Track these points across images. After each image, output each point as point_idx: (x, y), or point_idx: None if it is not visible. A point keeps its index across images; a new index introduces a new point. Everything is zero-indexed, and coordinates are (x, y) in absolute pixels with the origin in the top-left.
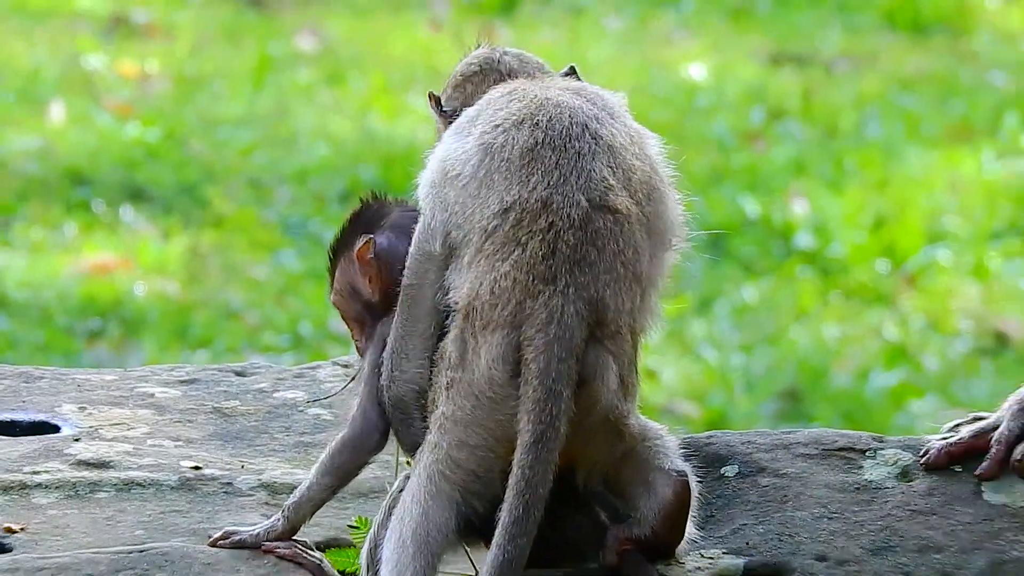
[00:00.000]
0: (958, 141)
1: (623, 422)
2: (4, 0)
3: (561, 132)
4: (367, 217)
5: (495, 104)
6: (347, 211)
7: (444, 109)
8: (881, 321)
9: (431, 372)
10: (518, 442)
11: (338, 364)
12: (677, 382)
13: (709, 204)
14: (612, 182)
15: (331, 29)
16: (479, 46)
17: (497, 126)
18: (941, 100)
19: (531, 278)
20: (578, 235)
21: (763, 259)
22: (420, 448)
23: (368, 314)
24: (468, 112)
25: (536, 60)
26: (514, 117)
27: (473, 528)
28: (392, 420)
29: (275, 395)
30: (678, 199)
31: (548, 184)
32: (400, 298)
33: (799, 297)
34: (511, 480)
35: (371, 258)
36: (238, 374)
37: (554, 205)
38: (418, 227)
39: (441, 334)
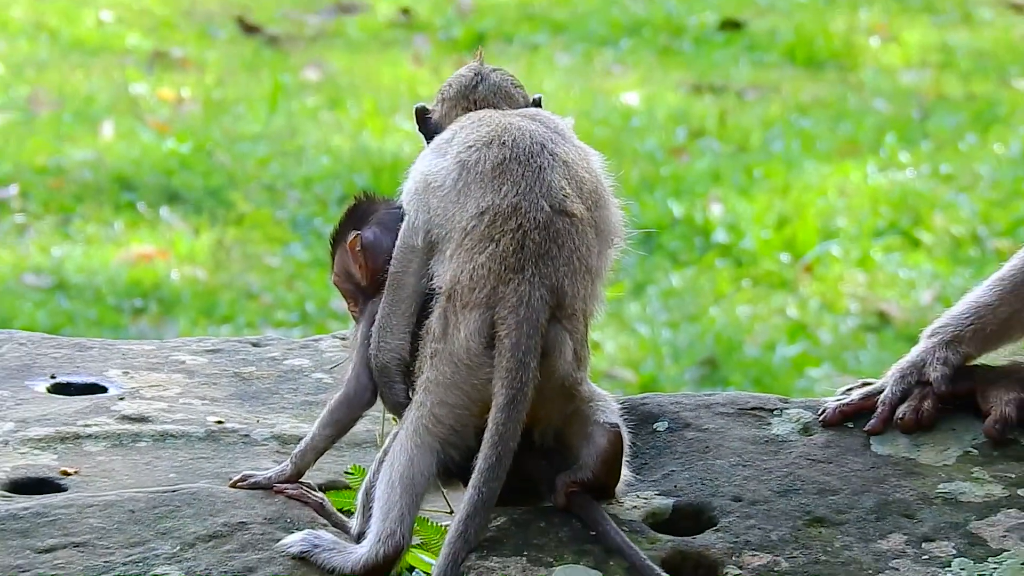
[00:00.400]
0: (847, 156)
1: (576, 388)
2: (65, 39)
3: (524, 149)
4: (357, 215)
5: (467, 129)
6: (344, 211)
7: (427, 115)
8: (784, 303)
9: (413, 345)
10: (493, 404)
11: (337, 337)
12: (616, 352)
13: (642, 207)
14: (568, 191)
15: (332, 63)
16: (474, 60)
17: (471, 146)
18: (833, 122)
19: (503, 268)
20: (542, 234)
21: (687, 252)
22: (407, 407)
23: (359, 292)
24: (443, 135)
25: (507, 90)
26: (484, 138)
27: (452, 473)
28: (378, 383)
29: (285, 362)
30: (618, 205)
31: (516, 192)
32: (387, 282)
33: (716, 283)
34: (486, 435)
35: (359, 250)
36: (255, 345)
37: (522, 209)
38: (403, 226)
39: (422, 313)
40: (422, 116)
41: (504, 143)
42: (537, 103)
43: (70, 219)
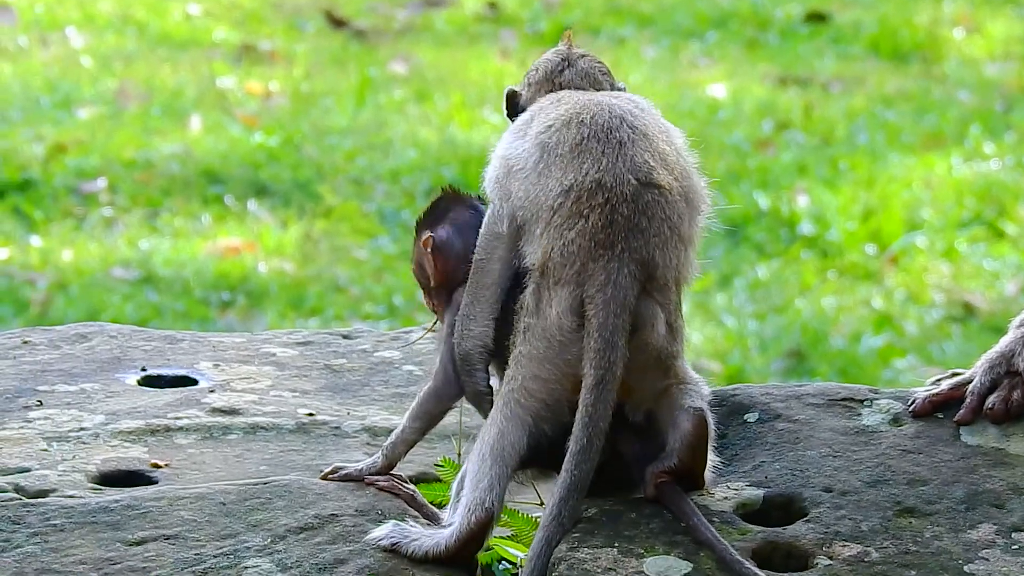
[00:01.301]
0: (931, 148)
1: (671, 361)
2: (153, 32)
3: (603, 125)
4: (438, 211)
5: (546, 110)
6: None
7: (516, 97)
8: (870, 294)
9: (497, 332)
10: (582, 384)
11: (426, 328)
12: (703, 344)
13: (728, 198)
14: (652, 163)
15: (419, 57)
16: (562, 44)
17: (549, 126)
18: (917, 114)
19: (593, 244)
20: (631, 207)
21: (773, 243)
22: (499, 383)
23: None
24: (523, 116)
25: (594, 77)
26: (562, 118)
27: (544, 457)
28: (460, 371)
29: (375, 354)
30: (702, 177)
31: (598, 169)
32: (472, 269)
33: (802, 275)
34: (577, 416)
35: (429, 251)
36: (345, 337)
37: (607, 184)
38: (487, 212)
39: (510, 297)
40: (511, 99)
41: (583, 121)
42: (622, 91)
43: (158, 212)
